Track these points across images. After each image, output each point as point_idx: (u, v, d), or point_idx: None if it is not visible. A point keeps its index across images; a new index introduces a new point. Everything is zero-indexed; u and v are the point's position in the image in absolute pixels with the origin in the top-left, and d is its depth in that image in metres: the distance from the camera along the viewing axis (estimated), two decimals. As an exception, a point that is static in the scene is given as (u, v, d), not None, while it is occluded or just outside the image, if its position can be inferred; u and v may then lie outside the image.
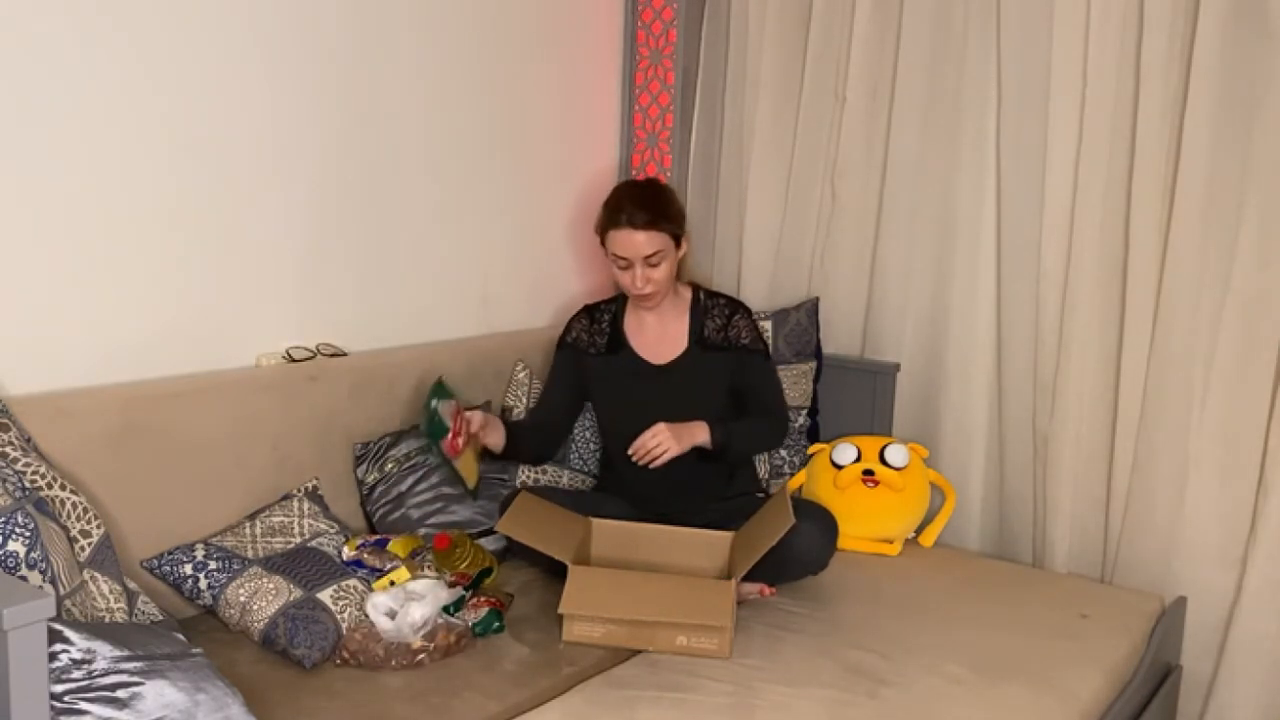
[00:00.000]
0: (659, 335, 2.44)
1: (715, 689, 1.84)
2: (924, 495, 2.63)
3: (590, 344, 2.47)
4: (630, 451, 2.26)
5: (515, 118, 2.85)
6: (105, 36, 2.00)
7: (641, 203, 2.32)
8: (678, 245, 2.36)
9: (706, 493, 2.41)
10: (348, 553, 2.09)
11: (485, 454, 2.36)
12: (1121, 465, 2.49)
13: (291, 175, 2.35)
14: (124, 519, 1.93)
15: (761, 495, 2.54)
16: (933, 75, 2.70)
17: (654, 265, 2.32)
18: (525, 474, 2.54)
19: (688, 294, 2.47)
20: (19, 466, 1.68)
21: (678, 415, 2.30)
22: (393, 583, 1.99)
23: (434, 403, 2.23)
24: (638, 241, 2.29)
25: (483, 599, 2.05)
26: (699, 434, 2.30)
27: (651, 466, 2.25)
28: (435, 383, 2.31)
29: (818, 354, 2.82)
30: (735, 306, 2.47)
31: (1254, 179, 2.28)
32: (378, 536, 2.17)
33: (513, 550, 2.26)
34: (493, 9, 2.75)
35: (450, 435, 2.18)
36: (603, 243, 2.36)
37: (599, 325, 2.49)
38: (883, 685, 1.88)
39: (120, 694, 1.41)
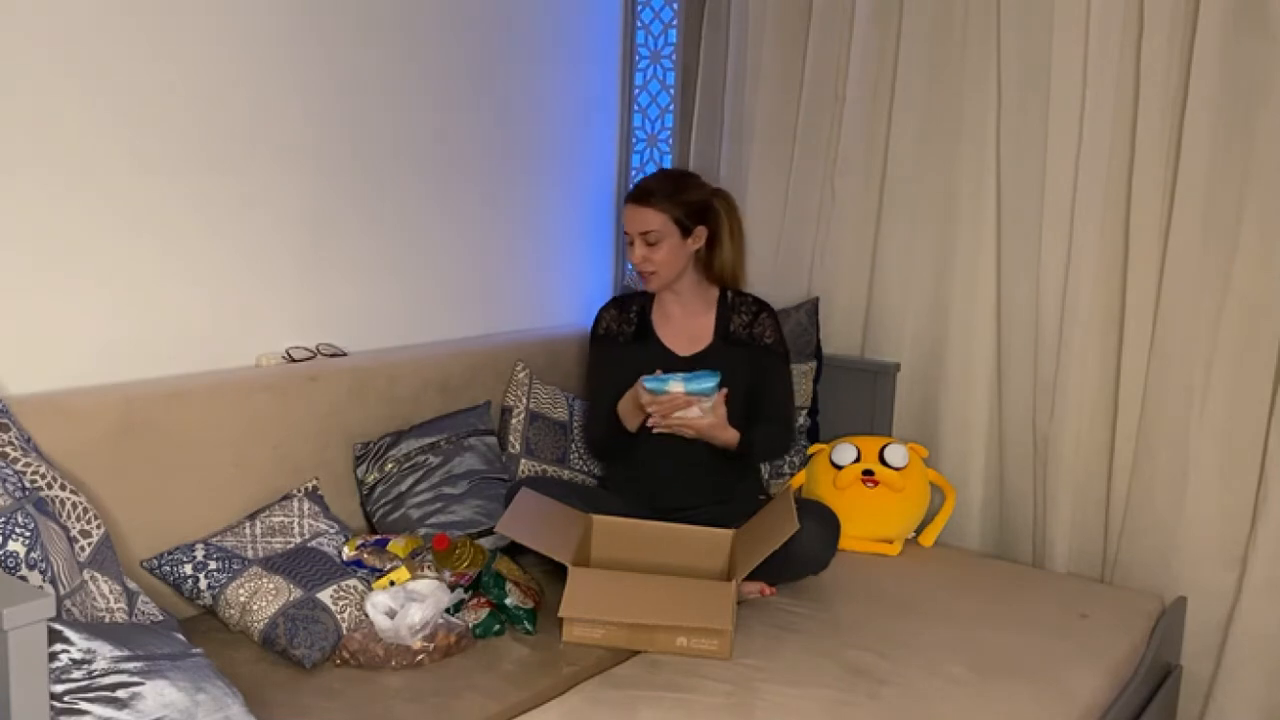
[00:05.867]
0: (685, 327, 2.47)
1: (715, 689, 1.84)
2: (924, 495, 2.63)
3: (620, 332, 2.51)
4: (652, 408, 2.26)
5: (514, 117, 2.86)
6: (106, 37, 2.00)
7: (648, 182, 2.44)
8: (685, 234, 2.39)
9: (713, 490, 2.41)
10: (348, 553, 2.09)
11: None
12: (1121, 465, 2.49)
13: (291, 176, 2.35)
14: (124, 519, 1.93)
15: (763, 498, 2.54)
16: (933, 75, 2.70)
17: (651, 244, 2.37)
18: (525, 474, 2.54)
19: (715, 292, 2.50)
20: (19, 466, 1.68)
21: None
22: (392, 583, 1.99)
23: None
24: (633, 215, 2.38)
25: (483, 599, 2.05)
26: (728, 437, 2.31)
27: (652, 427, 2.27)
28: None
29: (818, 354, 2.82)
30: (762, 306, 2.50)
31: (1254, 179, 2.28)
32: (378, 536, 2.17)
33: (516, 547, 2.26)
34: (492, 9, 2.75)
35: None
36: None
37: (627, 315, 2.52)
38: (883, 685, 1.88)
39: (120, 694, 1.41)
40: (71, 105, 1.97)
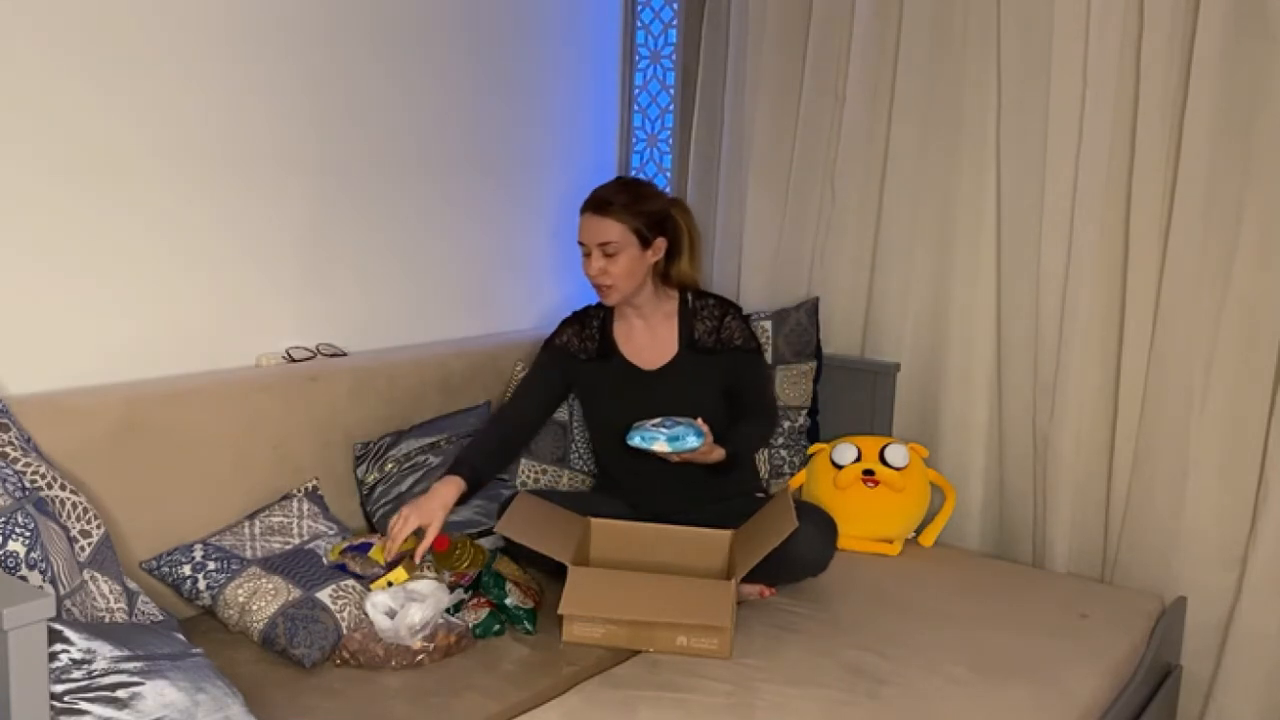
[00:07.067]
0: (648, 340, 2.41)
1: (715, 689, 1.84)
2: (924, 495, 2.63)
3: (581, 349, 2.43)
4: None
5: (515, 117, 2.86)
6: (103, 37, 2.00)
7: (606, 191, 2.33)
8: (644, 245, 2.31)
9: (704, 492, 2.40)
10: (331, 558, 2.05)
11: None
12: (1121, 465, 2.49)
13: (292, 176, 2.35)
14: (124, 519, 1.93)
15: (761, 495, 2.54)
16: (933, 75, 2.70)
17: (610, 256, 2.28)
18: (525, 475, 2.54)
19: (675, 297, 2.42)
20: (19, 466, 1.68)
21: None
22: (391, 583, 1.99)
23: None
24: (590, 225, 2.29)
25: (483, 599, 2.05)
26: (715, 457, 2.23)
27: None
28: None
29: (818, 354, 2.82)
30: (726, 307, 2.42)
31: (1254, 179, 2.28)
32: (360, 540, 2.12)
33: (513, 550, 2.26)
34: (493, 10, 2.75)
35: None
36: None
37: (589, 331, 2.44)
38: (883, 685, 1.88)
39: (120, 694, 1.41)
40: (74, 108, 1.97)
